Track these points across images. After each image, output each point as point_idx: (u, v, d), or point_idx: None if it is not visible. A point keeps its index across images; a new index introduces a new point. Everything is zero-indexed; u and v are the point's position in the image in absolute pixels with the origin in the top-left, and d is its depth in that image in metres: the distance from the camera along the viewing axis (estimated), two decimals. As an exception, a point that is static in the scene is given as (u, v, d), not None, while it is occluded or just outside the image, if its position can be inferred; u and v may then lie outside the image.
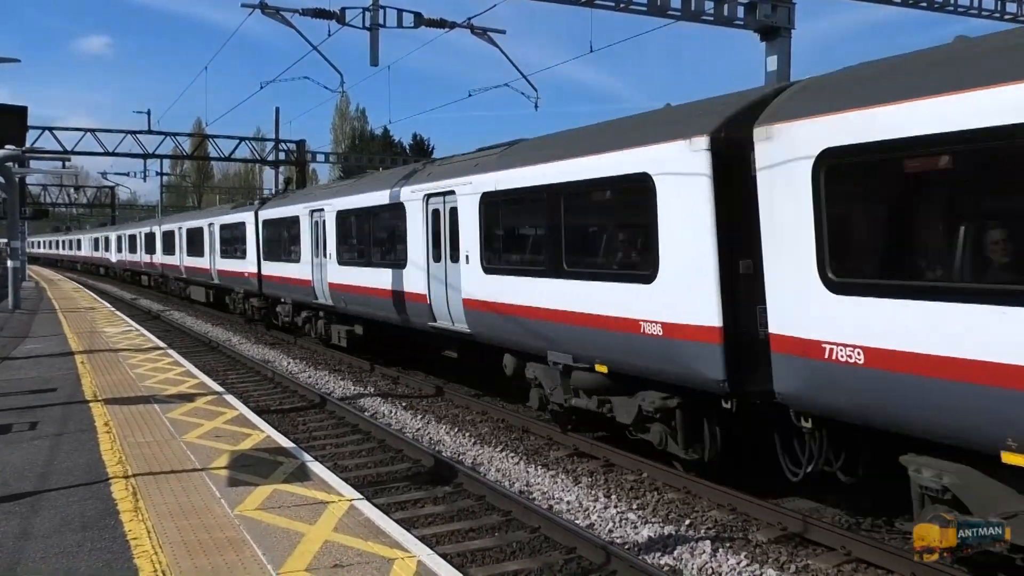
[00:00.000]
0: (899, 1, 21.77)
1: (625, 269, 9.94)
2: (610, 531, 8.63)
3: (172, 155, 50.82)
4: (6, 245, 28.74)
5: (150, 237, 44.41)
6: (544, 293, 11.05)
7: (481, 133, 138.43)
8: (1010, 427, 5.79)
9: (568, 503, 9.47)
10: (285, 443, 9.73)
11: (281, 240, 23.51)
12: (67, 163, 40.48)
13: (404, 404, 15.18)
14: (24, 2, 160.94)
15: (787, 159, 7.39)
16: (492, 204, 12.56)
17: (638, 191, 9.43)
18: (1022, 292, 5.69)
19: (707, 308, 8.40)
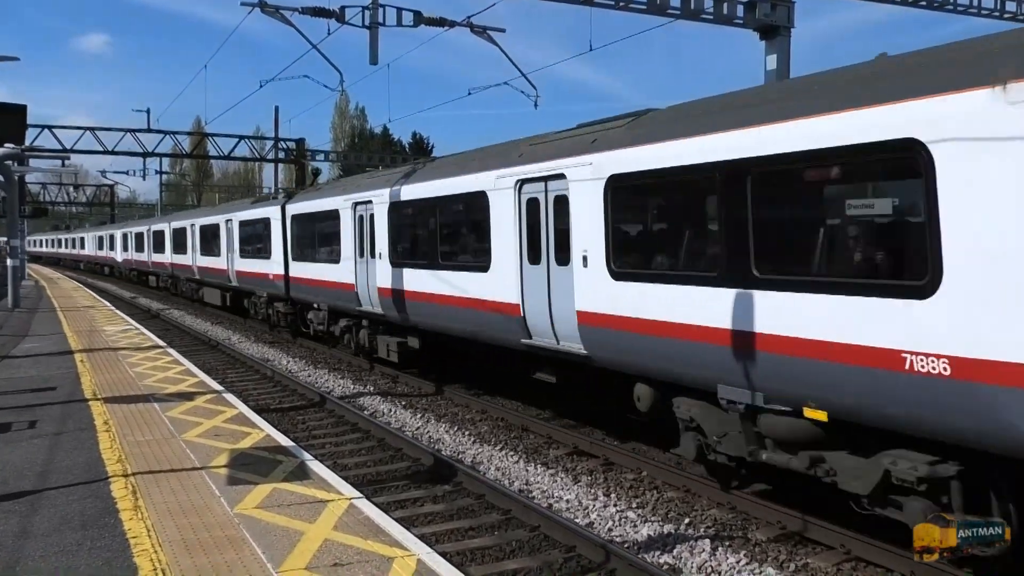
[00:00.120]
0: (899, 0, 21.79)
1: (877, 276, 7.02)
2: (610, 530, 8.64)
3: (171, 154, 50.78)
4: (5, 244, 28.70)
5: (159, 235, 41.45)
6: (715, 309, 8.39)
7: (481, 132, 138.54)
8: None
9: (568, 502, 9.48)
10: (285, 442, 9.73)
11: (314, 238, 20.84)
12: (66, 162, 40.54)
13: (404, 403, 15.18)
14: (24, 1, 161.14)
15: None
16: (625, 189, 10.07)
17: (895, 166, 6.92)
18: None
19: None
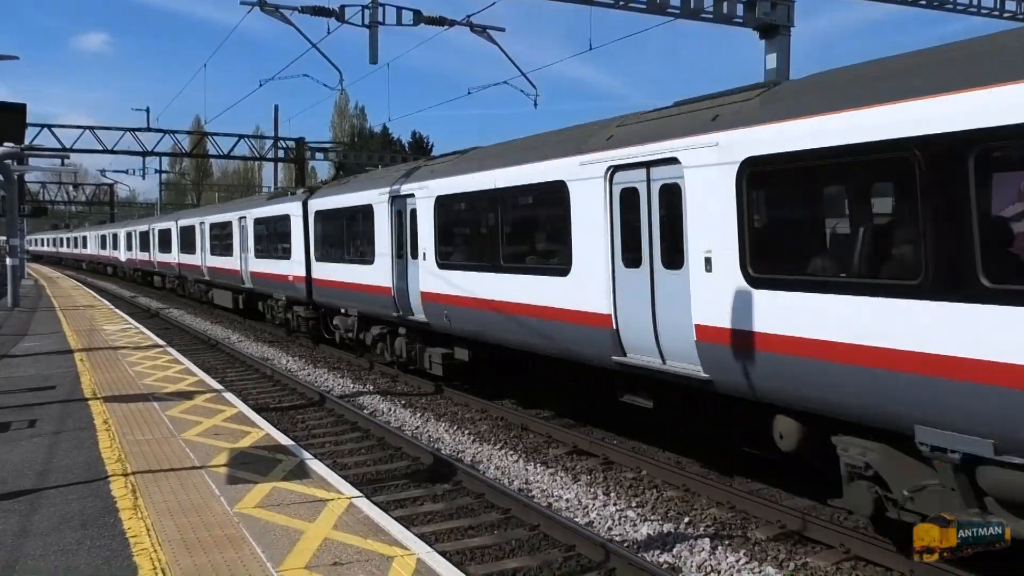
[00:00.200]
0: (898, -1, 21.80)
1: None
2: (609, 529, 8.64)
3: (171, 153, 50.73)
4: (5, 243, 28.67)
5: (165, 234, 39.56)
6: (919, 328, 6.42)
7: (480, 131, 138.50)
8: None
9: (567, 501, 9.48)
10: (284, 441, 9.73)
11: (342, 236, 18.96)
12: (66, 161, 40.60)
13: (403, 402, 15.18)
14: (24, 1, 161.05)
15: None
16: (767, 176, 8.05)
17: None
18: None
19: None
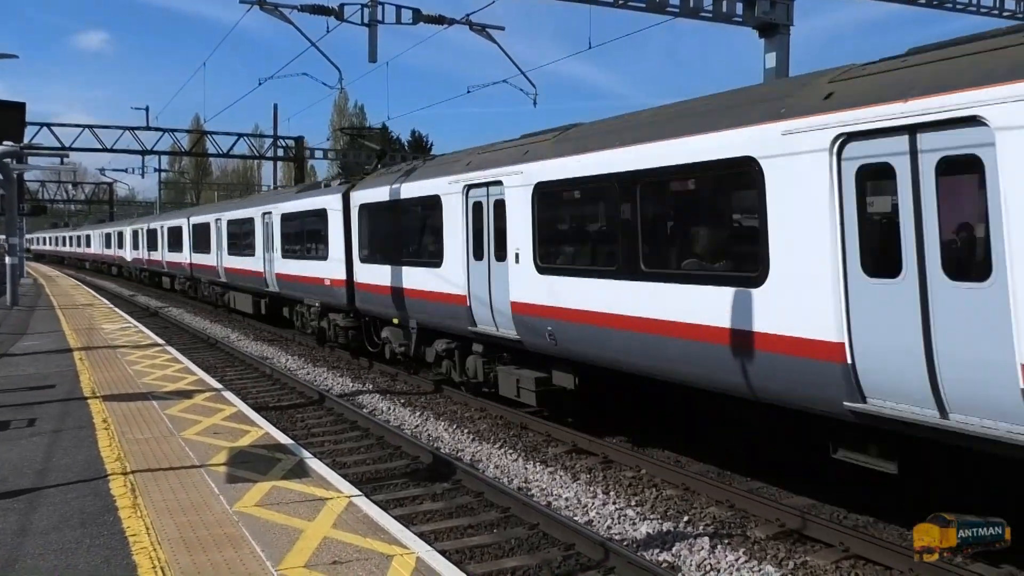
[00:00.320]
0: (898, -3, 21.80)
1: None
2: (609, 527, 8.64)
3: (170, 151, 50.67)
4: (4, 241, 28.65)
5: (175, 232, 36.93)
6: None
7: (480, 130, 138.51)
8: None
9: (567, 499, 9.48)
10: (284, 440, 9.73)
11: (398, 234, 16.48)
12: (65, 159, 40.59)
13: (402, 401, 15.18)
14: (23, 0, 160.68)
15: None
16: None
17: None
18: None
19: None
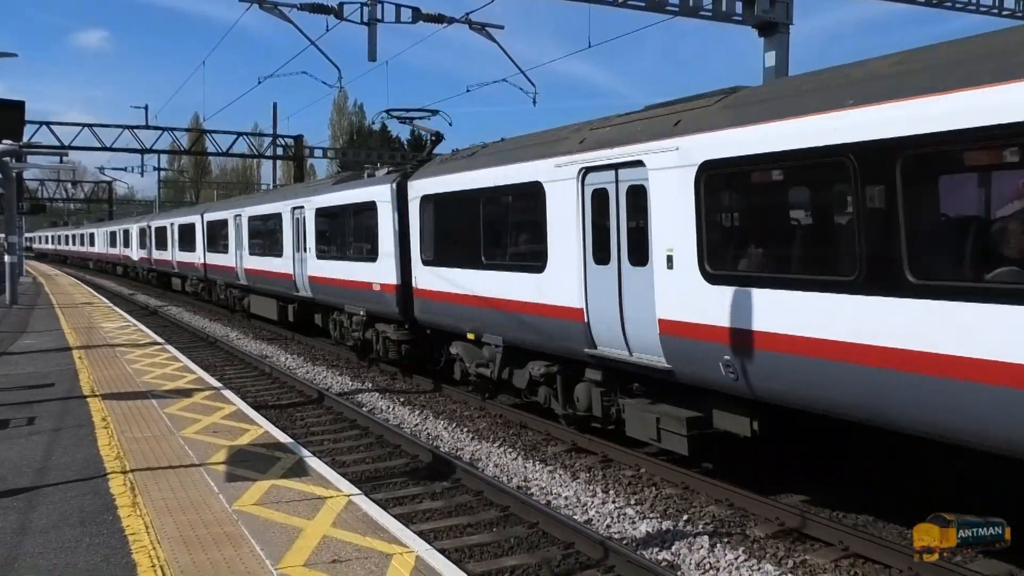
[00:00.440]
0: (897, -4, 21.80)
1: None
2: (608, 526, 8.64)
3: (170, 150, 50.63)
4: (3, 240, 28.63)
5: (187, 229, 34.61)
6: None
7: (479, 128, 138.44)
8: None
9: (566, 498, 9.49)
10: (283, 438, 9.73)
11: (475, 231, 13.25)
12: (64, 158, 40.52)
13: (402, 400, 15.18)
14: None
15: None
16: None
17: None
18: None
19: None
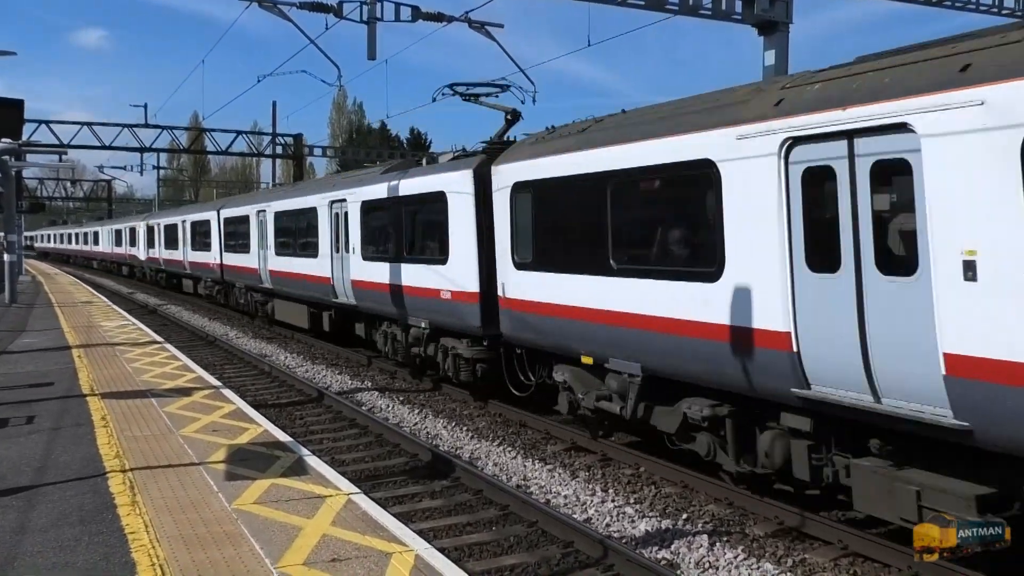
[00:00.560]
0: (897, -5, 21.80)
1: None
2: (607, 525, 8.64)
3: (169, 149, 50.50)
4: (3, 239, 28.61)
5: (201, 228, 32.37)
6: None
7: (478, 127, 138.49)
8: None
9: (565, 497, 9.49)
10: (283, 437, 9.73)
11: (603, 227, 10.05)
12: (64, 156, 40.46)
13: (401, 398, 15.18)
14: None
15: None
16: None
17: None
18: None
19: None
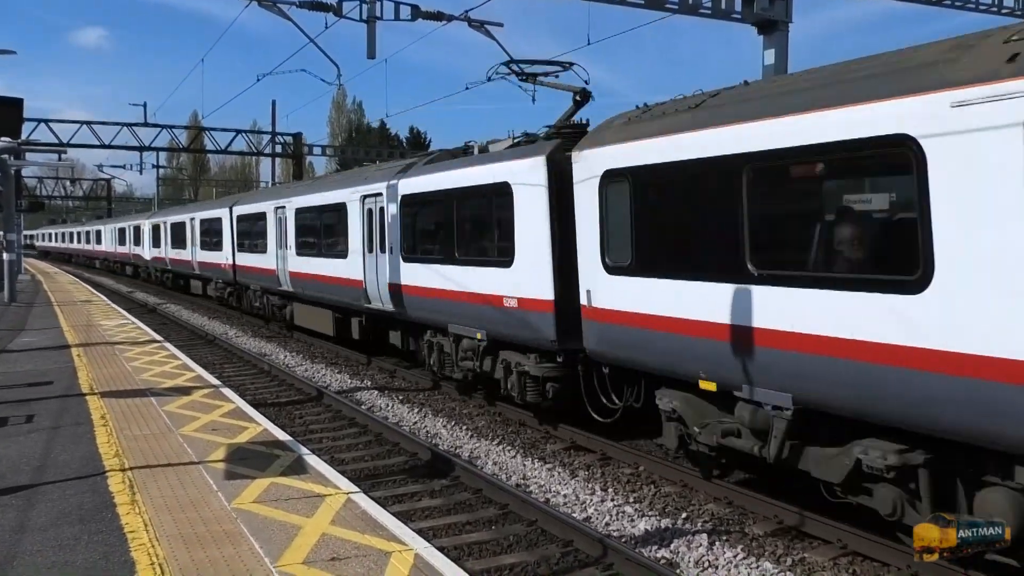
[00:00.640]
0: (897, -6, 21.80)
1: None
2: (607, 524, 8.64)
3: (168, 148, 50.37)
4: (2, 238, 28.59)
5: (211, 226, 30.38)
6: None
7: (478, 126, 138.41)
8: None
9: (565, 496, 9.49)
10: (282, 436, 9.73)
11: (735, 220, 7.77)
12: (63, 155, 40.36)
13: (401, 397, 15.18)
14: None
15: None
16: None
17: None
18: None
19: None
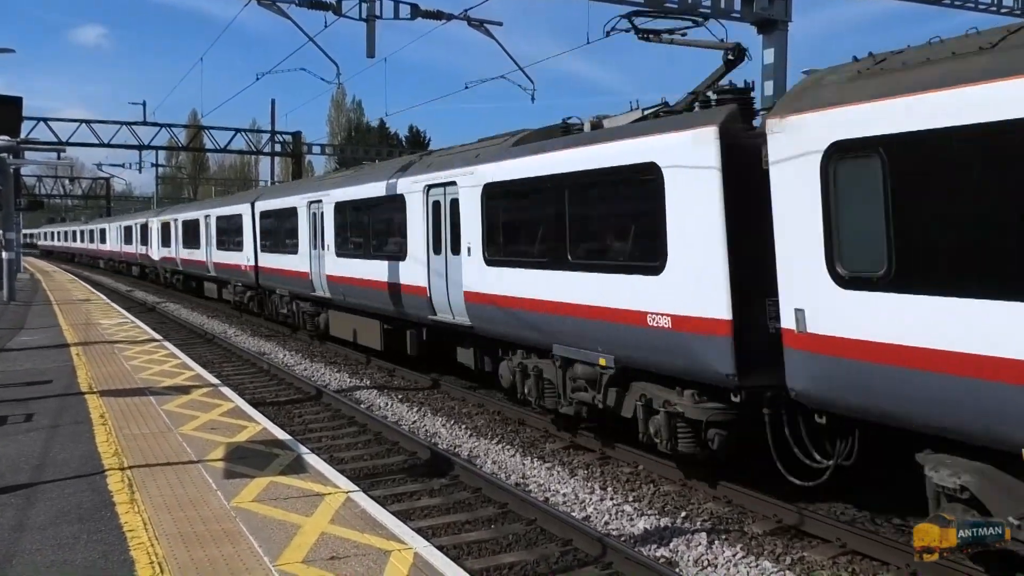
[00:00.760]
0: (896, -6, 21.83)
1: None
2: (606, 523, 8.64)
3: (168, 146, 50.35)
4: (1, 236, 28.58)
5: (229, 224, 27.58)
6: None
7: (478, 126, 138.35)
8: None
9: (564, 495, 9.49)
10: (281, 435, 9.72)
11: None
12: (62, 154, 40.35)
13: (400, 396, 15.17)
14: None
15: None
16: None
17: None
18: None
19: None
